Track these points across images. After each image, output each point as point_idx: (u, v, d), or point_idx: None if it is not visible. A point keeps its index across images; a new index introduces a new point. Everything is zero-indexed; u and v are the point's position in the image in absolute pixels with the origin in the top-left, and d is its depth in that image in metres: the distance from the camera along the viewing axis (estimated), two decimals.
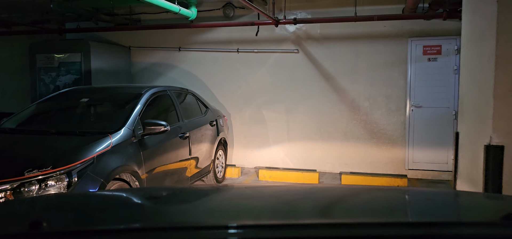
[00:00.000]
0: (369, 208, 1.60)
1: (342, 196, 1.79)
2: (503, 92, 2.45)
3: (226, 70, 7.91)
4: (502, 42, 2.43)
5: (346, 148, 7.40)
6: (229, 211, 1.50)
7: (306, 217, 1.41)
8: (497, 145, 2.47)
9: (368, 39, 7.20)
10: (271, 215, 1.44)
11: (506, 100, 2.46)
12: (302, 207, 1.56)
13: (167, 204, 1.56)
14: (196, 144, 5.62)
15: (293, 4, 7.41)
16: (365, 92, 7.28)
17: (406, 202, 1.71)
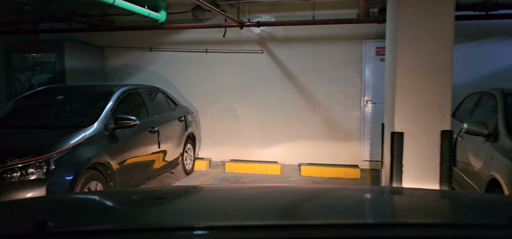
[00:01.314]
0: (368, 208, 1.62)
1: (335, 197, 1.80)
2: (403, 90, 3.05)
3: (195, 69, 8.39)
4: (401, 49, 3.03)
5: (308, 142, 7.99)
6: (221, 212, 1.51)
7: (306, 219, 1.42)
8: (399, 132, 3.07)
9: (327, 41, 7.81)
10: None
11: (405, 96, 3.05)
12: (303, 208, 1.58)
13: (170, 204, 1.56)
14: (165, 138, 6.09)
15: (258, 8, 7.95)
16: (324, 89, 7.88)
17: (407, 203, 1.70)
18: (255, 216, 1.43)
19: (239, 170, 7.52)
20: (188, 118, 7.09)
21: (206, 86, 8.38)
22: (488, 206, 1.63)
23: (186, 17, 8.22)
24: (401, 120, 3.07)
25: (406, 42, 3.02)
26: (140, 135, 5.47)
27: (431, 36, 2.98)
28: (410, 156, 3.07)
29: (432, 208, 1.59)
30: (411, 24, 3.01)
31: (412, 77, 3.03)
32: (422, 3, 2.99)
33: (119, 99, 5.30)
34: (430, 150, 3.03)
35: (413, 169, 3.07)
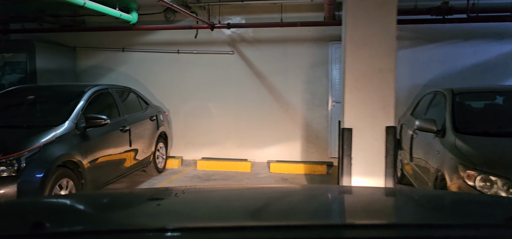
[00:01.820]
0: (368, 209, 1.62)
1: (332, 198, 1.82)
2: (351, 90, 3.34)
3: (167, 70, 8.55)
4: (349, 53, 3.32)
5: (278, 140, 8.26)
6: (217, 212, 1.53)
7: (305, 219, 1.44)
8: (348, 128, 3.36)
9: (295, 42, 8.09)
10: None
11: (353, 94, 3.34)
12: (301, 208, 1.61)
13: (167, 205, 1.56)
14: (136, 137, 6.24)
15: (228, 10, 8.17)
16: (293, 89, 8.17)
17: (406, 204, 1.70)
18: (252, 217, 1.43)
19: (211, 167, 7.72)
20: (160, 118, 7.25)
21: (178, 86, 8.54)
22: (485, 206, 1.64)
23: (158, 18, 8.36)
24: (350, 117, 3.36)
25: (353, 46, 3.31)
26: (112, 134, 5.62)
27: (376, 41, 3.27)
28: (359, 150, 3.36)
29: (430, 208, 1.61)
30: (358, 30, 3.30)
31: (359, 78, 3.33)
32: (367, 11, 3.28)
33: (90, 99, 5.43)
34: (376, 144, 3.33)
35: (361, 161, 3.36)
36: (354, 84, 3.34)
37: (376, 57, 3.28)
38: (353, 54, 3.34)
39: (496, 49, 7.52)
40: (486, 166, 3.44)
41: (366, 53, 3.30)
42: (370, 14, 3.27)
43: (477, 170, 3.44)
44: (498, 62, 7.50)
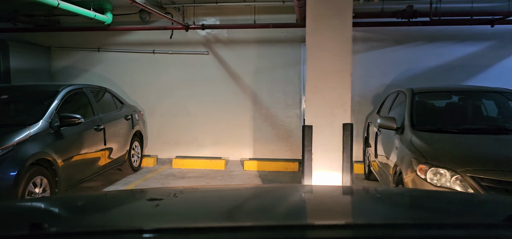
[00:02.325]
0: (367, 209, 1.62)
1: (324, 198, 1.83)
2: (312, 89, 3.57)
3: (143, 70, 8.65)
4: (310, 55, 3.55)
5: (252, 138, 8.47)
6: (224, 212, 1.53)
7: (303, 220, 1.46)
8: (309, 125, 3.59)
9: (268, 43, 8.31)
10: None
11: (313, 94, 3.57)
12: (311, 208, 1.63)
13: (166, 205, 1.56)
14: (111, 136, 6.34)
15: (202, 11, 8.33)
16: (266, 89, 8.39)
17: (405, 203, 1.71)
18: (250, 216, 1.44)
19: (186, 166, 7.88)
20: (135, 117, 7.36)
21: (154, 86, 8.66)
22: (484, 205, 1.65)
23: (133, 19, 8.46)
24: (310, 115, 3.60)
25: (314, 49, 3.55)
26: (86, 133, 5.72)
27: (334, 44, 3.51)
28: (319, 145, 3.59)
29: (429, 208, 1.62)
30: (318, 34, 3.53)
31: (319, 78, 3.56)
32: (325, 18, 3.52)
33: (65, 99, 5.51)
34: (334, 140, 3.57)
35: (321, 156, 3.59)
36: (315, 85, 3.57)
37: (334, 59, 3.52)
38: (314, 57, 3.57)
39: (458, 51, 7.91)
40: (436, 159, 3.72)
41: (325, 56, 3.54)
42: (328, 20, 3.51)
43: (428, 163, 3.72)
44: (460, 63, 7.89)
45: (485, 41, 7.81)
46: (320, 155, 3.59)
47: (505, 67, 7.79)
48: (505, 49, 7.78)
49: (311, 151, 3.58)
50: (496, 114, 5.25)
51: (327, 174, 3.58)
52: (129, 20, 8.44)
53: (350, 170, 3.59)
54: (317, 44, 3.55)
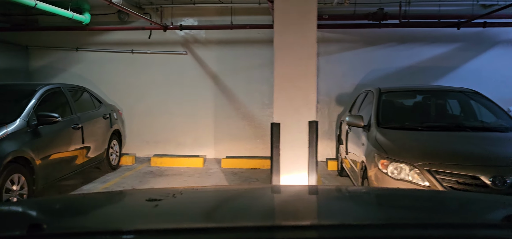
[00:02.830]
0: (368, 209, 1.63)
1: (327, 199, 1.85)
2: (279, 89, 3.78)
3: (122, 69, 8.74)
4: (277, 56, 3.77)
5: (229, 136, 8.65)
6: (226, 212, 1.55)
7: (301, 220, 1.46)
8: (276, 123, 3.79)
9: (246, 44, 8.50)
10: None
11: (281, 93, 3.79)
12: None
13: (165, 206, 1.56)
14: (89, 134, 6.44)
15: (180, 12, 8.47)
16: (243, 89, 8.58)
17: (406, 203, 1.71)
18: (251, 217, 1.44)
19: (164, 164, 8.01)
20: (113, 116, 7.46)
21: (133, 85, 8.75)
22: (484, 205, 1.66)
23: (112, 19, 8.53)
24: (278, 113, 3.81)
25: (281, 51, 3.75)
26: (64, 131, 5.81)
27: (299, 47, 3.73)
28: (286, 142, 3.80)
29: (428, 207, 1.63)
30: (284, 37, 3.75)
31: (286, 78, 3.77)
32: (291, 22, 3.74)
33: (42, 98, 5.59)
34: (300, 136, 3.78)
35: (288, 152, 3.80)
36: (282, 85, 3.78)
37: (299, 61, 3.73)
38: (281, 58, 3.78)
39: (427, 52, 8.25)
40: (396, 155, 3.97)
41: (291, 58, 3.75)
42: (294, 24, 3.72)
43: (389, 158, 3.97)
44: (429, 64, 8.23)
45: (453, 43, 8.17)
46: (288, 150, 3.80)
47: (470, 68, 8.16)
48: (471, 51, 8.15)
49: (279, 147, 3.79)
50: (458, 113, 5.56)
51: (294, 168, 3.79)
52: (108, 20, 8.52)
53: (315, 165, 3.80)
54: (284, 47, 3.76)
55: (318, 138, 8.35)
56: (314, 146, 3.79)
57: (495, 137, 4.45)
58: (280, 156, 3.79)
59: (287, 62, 3.77)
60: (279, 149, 3.78)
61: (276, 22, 3.82)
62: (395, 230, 1.23)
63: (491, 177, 3.52)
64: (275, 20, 3.82)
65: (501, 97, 7.51)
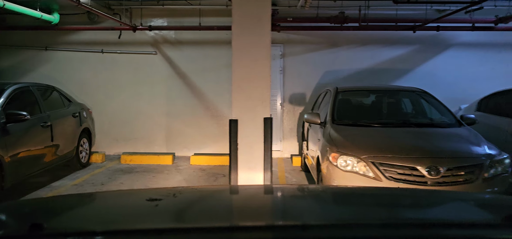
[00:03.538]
0: (368, 209, 1.64)
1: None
2: (237, 88, 4.09)
3: (92, 69, 8.86)
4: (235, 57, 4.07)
5: (199, 134, 8.89)
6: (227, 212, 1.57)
7: None
8: (234, 119, 4.10)
9: (214, 44, 8.76)
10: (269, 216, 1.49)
11: (238, 92, 4.09)
12: None
13: (165, 205, 1.57)
14: (58, 132, 6.57)
15: (150, 13, 8.66)
16: (212, 88, 8.84)
17: (404, 203, 1.73)
18: (251, 216, 1.46)
19: (134, 161, 8.19)
20: (83, 115, 7.59)
21: (103, 84, 8.89)
22: (484, 205, 1.68)
23: (81, 18, 8.64)
24: (236, 110, 4.11)
25: (238, 53, 4.06)
26: (33, 129, 5.94)
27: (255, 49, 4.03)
28: (243, 137, 4.10)
29: (428, 207, 1.65)
30: (241, 40, 4.05)
31: (243, 78, 4.08)
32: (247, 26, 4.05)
33: (11, 96, 5.71)
34: (256, 132, 4.09)
35: (245, 147, 4.10)
36: (239, 84, 4.08)
37: (255, 62, 4.04)
38: (238, 59, 4.08)
39: (387, 54, 8.72)
40: (345, 148, 4.33)
41: (248, 59, 4.05)
42: (249, 28, 4.03)
43: (339, 152, 4.32)
44: (388, 65, 8.70)
45: (410, 46, 8.66)
46: (245, 145, 4.10)
47: (426, 69, 8.68)
48: (427, 53, 8.67)
49: (237, 142, 4.09)
50: (407, 111, 5.99)
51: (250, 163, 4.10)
52: (77, 20, 8.63)
53: (270, 158, 4.12)
54: (241, 49, 4.06)
55: (285, 135, 8.77)
56: (269, 141, 4.10)
57: (436, 132, 4.88)
58: (238, 151, 4.09)
59: (243, 63, 4.08)
60: (237, 143, 4.08)
61: (234, 25, 4.12)
62: (395, 229, 1.24)
63: (427, 168, 3.92)
64: (233, 24, 4.12)
65: (453, 97, 8.11)
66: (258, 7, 4.01)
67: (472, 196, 2.14)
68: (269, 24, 4.03)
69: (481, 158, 4.11)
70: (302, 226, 1.29)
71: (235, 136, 4.01)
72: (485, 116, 6.65)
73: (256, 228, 1.27)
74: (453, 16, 7.60)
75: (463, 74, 8.64)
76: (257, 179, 4.09)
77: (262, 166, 4.04)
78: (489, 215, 1.54)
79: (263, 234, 1.22)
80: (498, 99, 6.58)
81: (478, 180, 3.93)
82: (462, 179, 3.95)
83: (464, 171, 3.97)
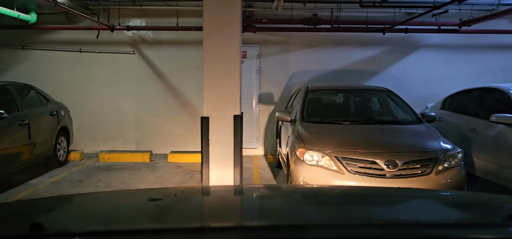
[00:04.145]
0: (369, 209, 1.64)
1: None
2: (208, 87, 4.32)
3: (70, 68, 8.94)
4: (206, 58, 4.30)
5: (177, 132, 9.07)
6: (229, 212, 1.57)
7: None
8: (206, 116, 4.32)
9: (192, 45, 8.93)
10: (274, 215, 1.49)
11: (209, 90, 4.32)
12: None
13: (167, 205, 1.57)
14: (36, 131, 6.67)
15: (128, 13, 8.79)
16: (190, 87, 9.02)
17: (406, 203, 1.73)
18: (254, 216, 1.46)
19: (112, 159, 8.31)
20: (61, 113, 7.69)
21: (82, 83, 8.98)
22: (485, 205, 1.67)
23: (59, 18, 8.72)
24: (207, 108, 4.34)
25: (209, 53, 4.29)
26: (10, 128, 6.04)
27: (225, 50, 4.27)
28: (214, 133, 4.33)
29: (429, 207, 1.65)
30: (212, 41, 4.28)
31: (213, 77, 4.31)
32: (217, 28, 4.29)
33: None
34: (227, 128, 4.32)
35: (216, 143, 4.33)
36: (210, 83, 4.31)
37: (225, 62, 4.28)
38: (209, 60, 4.31)
39: (359, 55, 9.05)
40: (311, 144, 4.60)
41: (218, 59, 4.29)
42: (220, 30, 4.26)
43: (305, 147, 4.58)
44: (360, 65, 9.04)
45: (380, 47, 9.02)
46: (216, 141, 4.33)
47: (396, 69, 9.05)
48: (396, 54, 9.04)
49: (208, 138, 4.31)
50: (373, 109, 6.30)
51: (221, 158, 4.33)
52: (55, 19, 8.69)
53: (240, 153, 4.36)
54: (212, 50, 4.29)
55: (261, 133, 8.99)
56: (239, 137, 4.33)
57: (397, 129, 5.19)
58: (209, 146, 4.31)
59: (214, 63, 4.31)
60: (208, 139, 4.30)
61: (205, 28, 4.34)
62: (397, 228, 1.25)
63: (385, 161, 4.22)
64: (204, 26, 4.34)
65: (422, 96, 8.50)
66: (228, 12, 4.24)
67: (473, 195, 2.14)
68: (238, 28, 4.27)
69: (436, 152, 4.43)
70: (304, 226, 1.28)
71: (206, 133, 4.24)
72: (448, 114, 7.03)
73: (259, 228, 1.26)
74: (420, 19, 7.97)
75: (431, 74, 9.04)
76: (228, 175, 4.32)
77: (233, 162, 4.27)
78: (489, 215, 1.53)
79: (266, 234, 1.21)
80: (459, 98, 6.96)
81: (432, 172, 4.25)
82: (418, 171, 4.26)
83: (420, 164, 4.28)
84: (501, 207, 1.63)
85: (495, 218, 1.48)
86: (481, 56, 9.10)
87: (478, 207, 1.66)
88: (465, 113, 6.48)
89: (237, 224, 1.37)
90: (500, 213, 1.52)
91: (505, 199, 1.87)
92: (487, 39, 8.92)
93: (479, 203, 1.74)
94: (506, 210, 1.56)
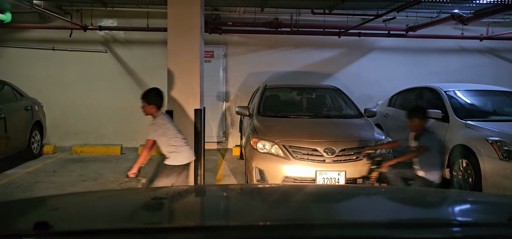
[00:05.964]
0: (369, 208, 1.65)
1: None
2: (171, 84, 4.93)
3: (44, 65, 9.33)
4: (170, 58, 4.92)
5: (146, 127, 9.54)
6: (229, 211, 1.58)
7: None
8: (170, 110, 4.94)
9: (162, 44, 9.44)
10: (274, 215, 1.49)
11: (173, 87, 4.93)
12: None
13: (170, 204, 1.58)
14: (11, 125, 7.08)
15: (100, 13, 9.24)
16: (160, 84, 9.25)
17: (408, 202, 1.73)
18: (256, 216, 1.46)
19: (84, 152, 8.77)
20: (35, 108, 8.09)
21: (55, 80, 9.37)
22: (488, 205, 1.68)
23: (33, 17, 9.08)
24: (171, 102, 4.94)
25: (172, 54, 4.89)
26: None
27: (187, 51, 4.88)
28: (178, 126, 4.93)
29: (432, 206, 1.67)
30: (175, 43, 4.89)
31: (176, 75, 4.92)
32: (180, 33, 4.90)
33: None
34: (188, 122, 4.94)
35: None
36: (173, 80, 4.91)
37: (186, 62, 4.89)
38: (172, 60, 4.91)
39: (317, 56, 9.79)
40: (263, 134, 5.26)
41: (180, 60, 4.89)
42: (182, 35, 4.87)
43: (258, 137, 5.24)
44: (319, 65, 9.79)
45: (337, 49, 9.79)
46: None
47: (352, 70, 9.85)
48: (351, 55, 9.83)
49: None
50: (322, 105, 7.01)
51: None
52: (29, 18, 9.06)
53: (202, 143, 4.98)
54: (175, 51, 4.89)
55: (228, 128, 9.59)
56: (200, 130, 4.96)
57: (339, 122, 5.93)
58: None
59: (177, 62, 4.91)
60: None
61: (169, 32, 4.94)
62: (398, 228, 1.25)
63: (325, 149, 4.92)
64: (168, 30, 4.94)
65: (376, 94, 9.31)
66: (189, 19, 4.86)
67: (476, 195, 2.12)
68: (198, 33, 4.89)
69: (369, 142, 5.16)
70: (307, 225, 1.28)
71: None
72: (394, 110, 7.85)
73: (259, 227, 1.27)
74: (372, 24, 8.76)
75: (384, 74, 9.87)
76: None
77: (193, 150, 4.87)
78: (492, 214, 1.54)
79: (269, 233, 1.22)
80: (403, 96, 7.79)
81: (364, 158, 4.98)
82: (353, 157, 4.98)
83: (354, 151, 5.00)
84: (505, 206, 1.63)
85: (499, 217, 1.48)
86: (428, 59, 10.00)
87: (482, 206, 1.69)
88: (406, 110, 7.30)
89: (234, 223, 1.37)
90: (505, 213, 1.51)
91: (505, 198, 1.91)
92: (433, 44, 9.82)
93: (484, 202, 1.78)
94: (507, 209, 1.57)
